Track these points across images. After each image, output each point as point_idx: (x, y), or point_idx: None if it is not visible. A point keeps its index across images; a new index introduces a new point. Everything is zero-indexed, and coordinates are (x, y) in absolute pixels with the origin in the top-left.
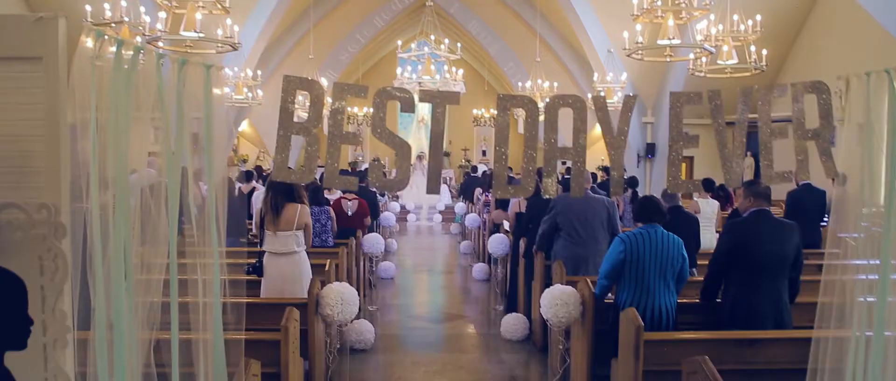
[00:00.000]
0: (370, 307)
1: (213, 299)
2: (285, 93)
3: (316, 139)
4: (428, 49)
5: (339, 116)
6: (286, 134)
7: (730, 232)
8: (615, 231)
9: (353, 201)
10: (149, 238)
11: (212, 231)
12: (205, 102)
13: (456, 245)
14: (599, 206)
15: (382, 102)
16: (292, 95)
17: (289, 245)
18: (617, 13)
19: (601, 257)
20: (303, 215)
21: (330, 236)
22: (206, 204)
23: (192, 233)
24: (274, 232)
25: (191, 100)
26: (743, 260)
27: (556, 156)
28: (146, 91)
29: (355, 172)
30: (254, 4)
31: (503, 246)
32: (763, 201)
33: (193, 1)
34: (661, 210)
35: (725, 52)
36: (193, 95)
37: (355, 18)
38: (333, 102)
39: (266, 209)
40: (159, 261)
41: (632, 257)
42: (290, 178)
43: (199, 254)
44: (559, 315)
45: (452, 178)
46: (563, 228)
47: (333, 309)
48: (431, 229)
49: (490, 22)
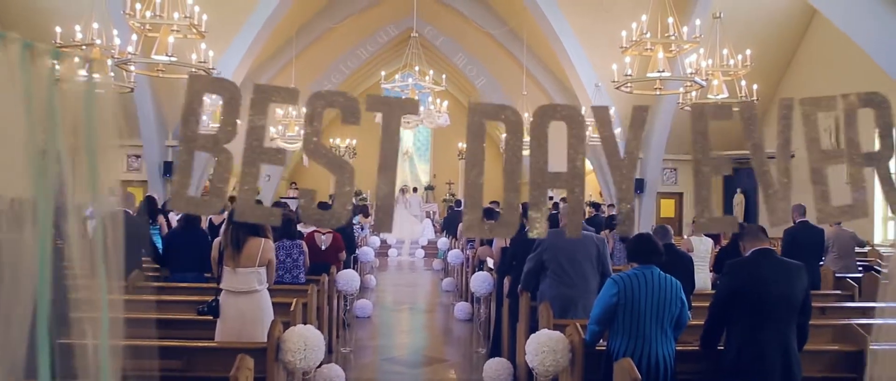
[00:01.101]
0: (343, 349)
1: (101, 342)
2: (190, 97)
3: (229, 158)
4: (412, 80)
5: (259, 128)
6: (188, 149)
7: (731, 273)
8: (606, 271)
9: (327, 235)
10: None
11: (98, 260)
12: (48, 97)
13: (438, 282)
14: (589, 243)
15: (319, 109)
16: (198, 100)
17: (249, 283)
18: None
19: (591, 298)
20: (266, 251)
21: (302, 272)
22: (91, 229)
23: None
24: (233, 268)
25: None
26: (747, 304)
27: (546, 183)
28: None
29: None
30: (235, 32)
31: (486, 285)
32: (764, 238)
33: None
34: (658, 250)
35: (715, 87)
36: (73, 93)
37: (340, 50)
38: (253, 111)
39: (226, 243)
40: None
41: (626, 301)
42: (189, 208)
43: (85, 288)
44: (546, 363)
45: (436, 212)
46: (550, 266)
47: (296, 355)
48: (413, 264)
49: (476, 55)
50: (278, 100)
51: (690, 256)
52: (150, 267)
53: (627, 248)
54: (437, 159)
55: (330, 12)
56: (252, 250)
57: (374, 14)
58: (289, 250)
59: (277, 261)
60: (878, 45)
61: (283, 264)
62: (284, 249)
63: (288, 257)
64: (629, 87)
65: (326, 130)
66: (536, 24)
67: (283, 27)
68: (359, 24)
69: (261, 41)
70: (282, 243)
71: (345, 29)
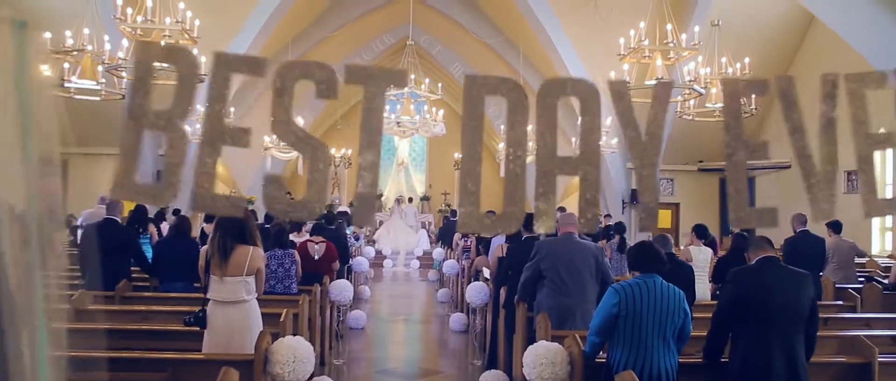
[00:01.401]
0: (336, 361)
1: (38, 354)
2: (138, 68)
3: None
4: (408, 88)
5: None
6: (134, 127)
7: (735, 281)
8: (607, 279)
9: (321, 245)
10: None
11: (33, 263)
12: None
13: (433, 293)
14: (586, 252)
15: (290, 82)
16: (147, 72)
17: (237, 293)
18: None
19: (589, 308)
20: (255, 259)
21: (294, 282)
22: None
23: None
24: (220, 277)
25: None
26: (751, 313)
27: (554, 169)
28: None
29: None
30: (228, 40)
31: (482, 295)
32: (769, 248)
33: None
34: (661, 258)
35: (714, 95)
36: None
37: (335, 59)
38: (213, 82)
39: (212, 251)
40: None
41: (627, 312)
42: (137, 197)
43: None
44: (544, 376)
45: (432, 222)
46: (548, 275)
47: (284, 367)
48: (408, 275)
49: (473, 64)
50: (243, 70)
51: (690, 265)
52: (141, 277)
53: (629, 256)
54: (433, 169)
55: (325, 21)
56: (240, 259)
57: (370, 23)
58: (280, 260)
59: (268, 271)
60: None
61: (275, 273)
62: (276, 258)
63: (279, 267)
64: None
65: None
66: (533, 33)
67: (278, 36)
68: (354, 33)
69: (255, 50)
70: (273, 253)
71: (341, 38)
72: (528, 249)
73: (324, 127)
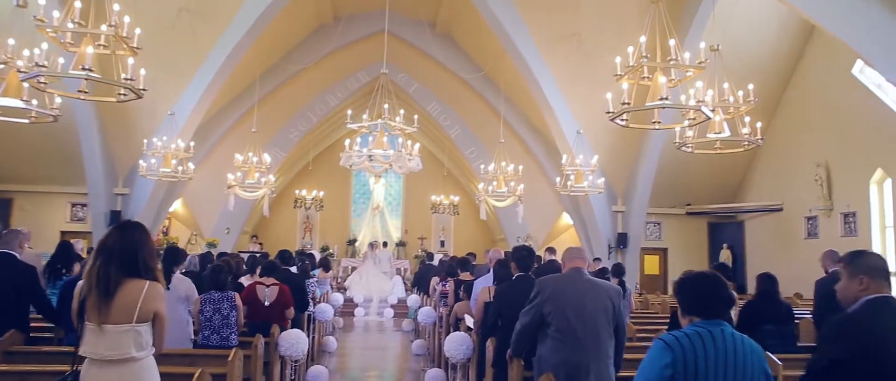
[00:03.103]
0: None
1: None
2: None
3: None
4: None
5: None
6: None
7: (842, 334)
8: (620, 329)
9: (272, 288)
10: None
11: None
12: None
13: (408, 345)
14: (601, 291)
15: None
16: None
17: (122, 347)
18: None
19: (606, 365)
20: (151, 299)
21: (234, 333)
22: None
23: None
24: (97, 325)
25: None
26: (876, 376)
27: None
28: None
29: (286, 253)
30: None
31: (464, 348)
32: (884, 284)
33: (92, 33)
34: (729, 296)
35: (717, 123)
36: None
37: (308, 96)
38: None
39: (88, 287)
40: None
41: (685, 375)
42: None
43: None
44: None
45: (408, 269)
46: (553, 322)
47: None
48: (382, 325)
49: (450, 103)
50: None
51: (788, 303)
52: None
53: (681, 294)
54: (410, 214)
55: (296, 56)
56: (128, 298)
57: (344, 60)
58: (217, 305)
59: (202, 318)
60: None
61: (210, 321)
62: (212, 303)
63: (216, 314)
64: (625, 117)
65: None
66: (513, 69)
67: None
68: (328, 69)
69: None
70: (209, 296)
71: (313, 75)
72: (523, 290)
73: (295, 169)
